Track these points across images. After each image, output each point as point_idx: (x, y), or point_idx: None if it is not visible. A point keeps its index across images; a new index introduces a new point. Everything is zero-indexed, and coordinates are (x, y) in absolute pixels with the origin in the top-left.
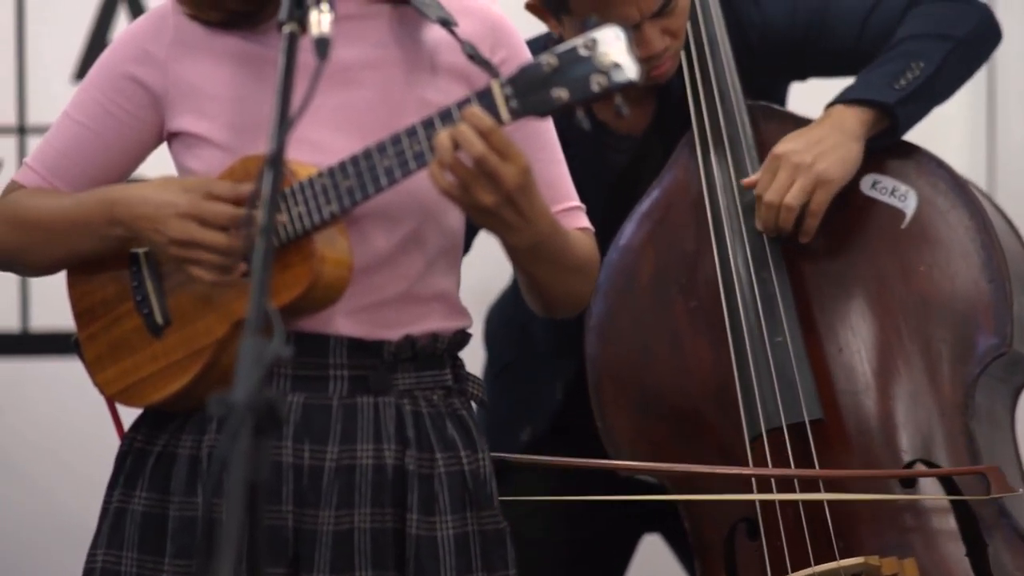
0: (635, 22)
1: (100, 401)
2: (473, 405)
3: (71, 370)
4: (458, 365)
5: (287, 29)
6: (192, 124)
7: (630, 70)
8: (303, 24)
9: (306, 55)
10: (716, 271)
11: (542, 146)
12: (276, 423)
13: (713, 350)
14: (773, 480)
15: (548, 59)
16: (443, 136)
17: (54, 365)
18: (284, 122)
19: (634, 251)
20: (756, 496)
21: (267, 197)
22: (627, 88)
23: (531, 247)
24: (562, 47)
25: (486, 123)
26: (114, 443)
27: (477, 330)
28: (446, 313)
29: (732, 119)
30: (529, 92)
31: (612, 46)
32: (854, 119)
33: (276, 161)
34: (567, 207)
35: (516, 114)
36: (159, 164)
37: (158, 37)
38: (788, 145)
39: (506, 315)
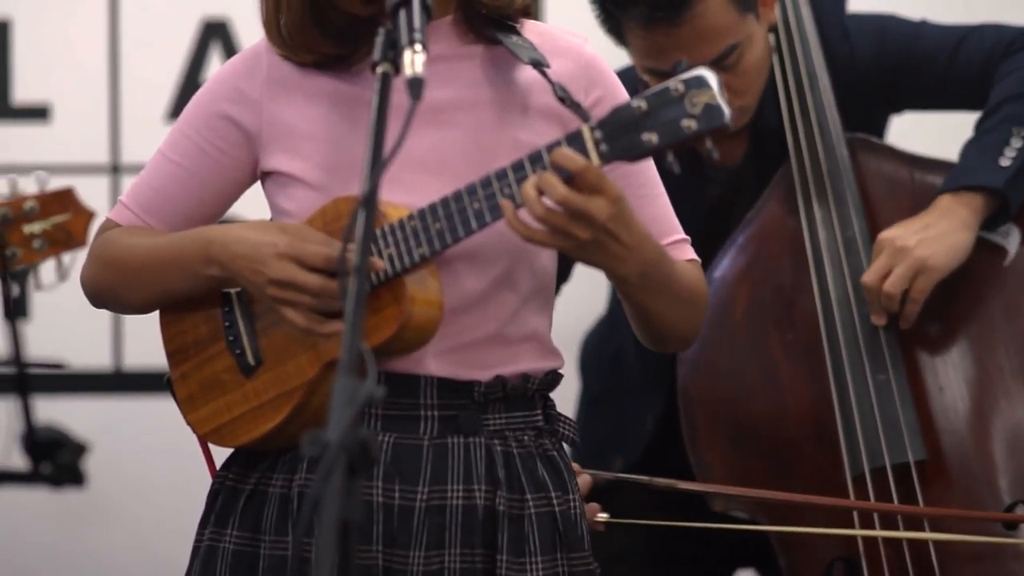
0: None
1: (192, 439)
2: (564, 446)
3: (163, 408)
4: (549, 405)
5: (381, 70)
6: (285, 164)
7: (721, 114)
8: (397, 65)
9: (399, 96)
10: (815, 306)
11: (642, 183)
12: (369, 462)
13: (811, 385)
14: (876, 517)
15: (639, 102)
16: (528, 188)
17: (146, 404)
18: (377, 163)
19: (729, 283)
20: (858, 532)
21: (361, 238)
22: (718, 132)
23: (639, 275)
24: (653, 90)
25: (578, 162)
26: (206, 481)
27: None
28: (538, 353)
29: (832, 152)
30: (619, 135)
31: (703, 89)
32: (964, 208)
33: (369, 202)
34: (673, 240)
35: (606, 158)
36: (253, 204)
37: (252, 76)
38: (893, 231)
39: (600, 344)
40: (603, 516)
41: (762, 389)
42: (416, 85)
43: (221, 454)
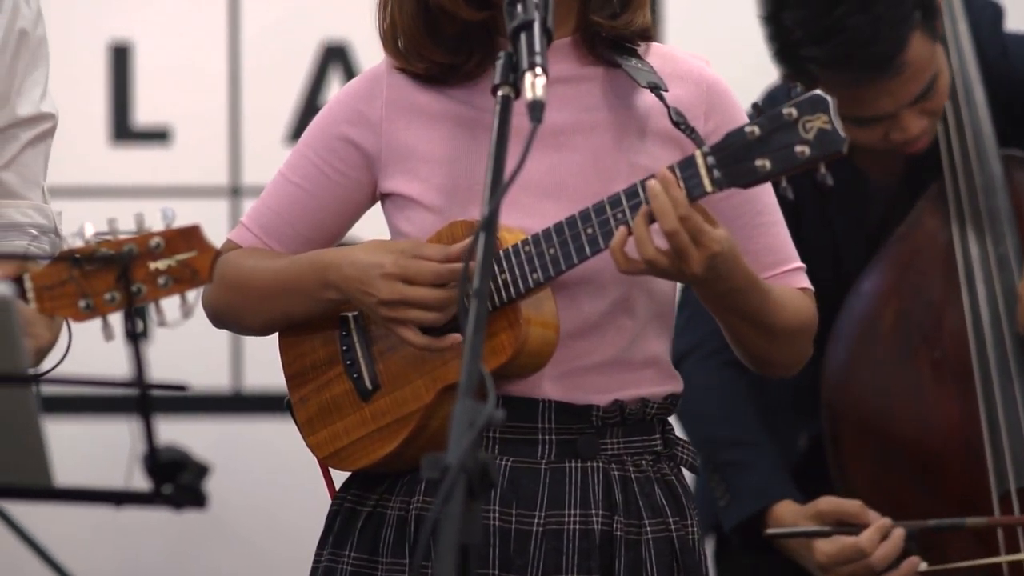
0: (891, 113)
1: (310, 461)
2: (683, 471)
3: (282, 430)
4: (668, 430)
5: (502, 92)
6: (404, 186)
7: (835, 140)
8: (517, 88)
9: (519, 118)
10: (965, 322)
11: (760, 210)
12: (489, 486)
13: (958, 402)
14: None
15: (752, 127)
16: (638, 222)
17: (265, 425)
18: (498, 186)
19: (877, 298)
20: (1005, 558)
21: (481, 261)
22: (832, 159)
23: (719, 296)
24: (766, 115)
25: (680, 203)
26: (325, 502)
27: None
28: (657, 378)
29: (986, 168)
30: (732, 161)
31: (817, 114)
32: None
33: (490, 225)
34: (789, 269)
35: (720, 184)
36: (373, 224)
37: (372, 98)
38: None
39: None
40: (923, 567)
41: (908, 405)
42: (537, 108)
43: (340, 475)
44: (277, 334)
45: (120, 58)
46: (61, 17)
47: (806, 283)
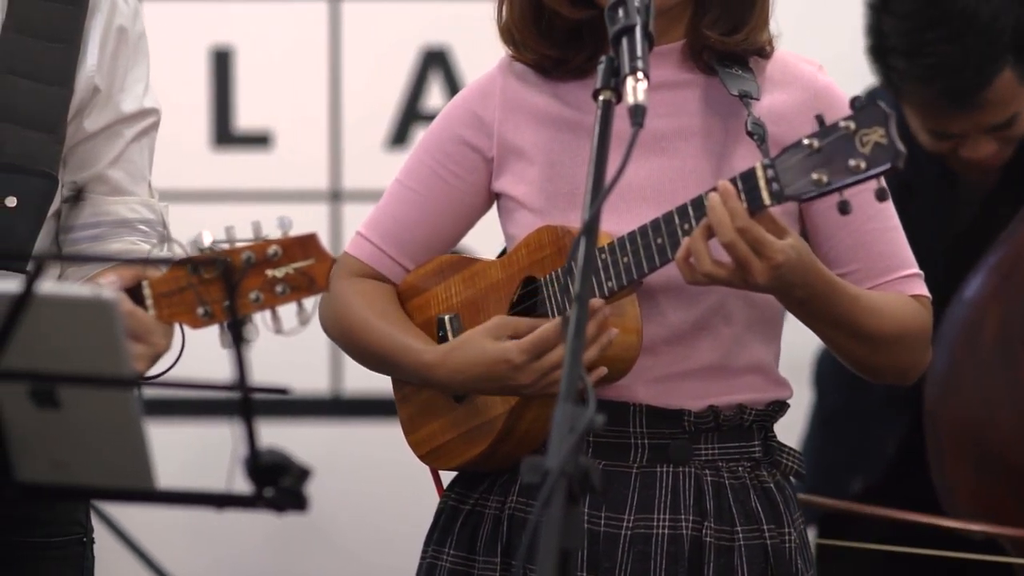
0: (967, 134)
1: (408, 465)
2: (789, 478)
3: (381, 433)
4: (769, 436)
5: (603, 97)
6: (512, 187)
7: (891, 154)
8: (619, 92)
9: (620, 122)
10: None
11: (871, 215)
12: (590, 490)
13: None
14: None
15: (810, 140)
16: (696, 235)
17: (365, 429)
18: (598, 190)
19: (979, 305)
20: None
21: (581, 265)
22: (887, 174)
23: (798, 304)
24: (825, 127)
25: (738, 215)
26: (424, 504)
27: None
28: (760, 384)
29: None
30: (790, 174)
31: (873, 127)
32: None
33: (590, 229)
34: (903, 275)
35: (778, 197)
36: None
37: (487, 99)
38: None
39: (838, 363)
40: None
41: (1010, 413)
42: (638, 113)
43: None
44: None
45: (222, 63)
46: (164, 22)
47: (920, 289)
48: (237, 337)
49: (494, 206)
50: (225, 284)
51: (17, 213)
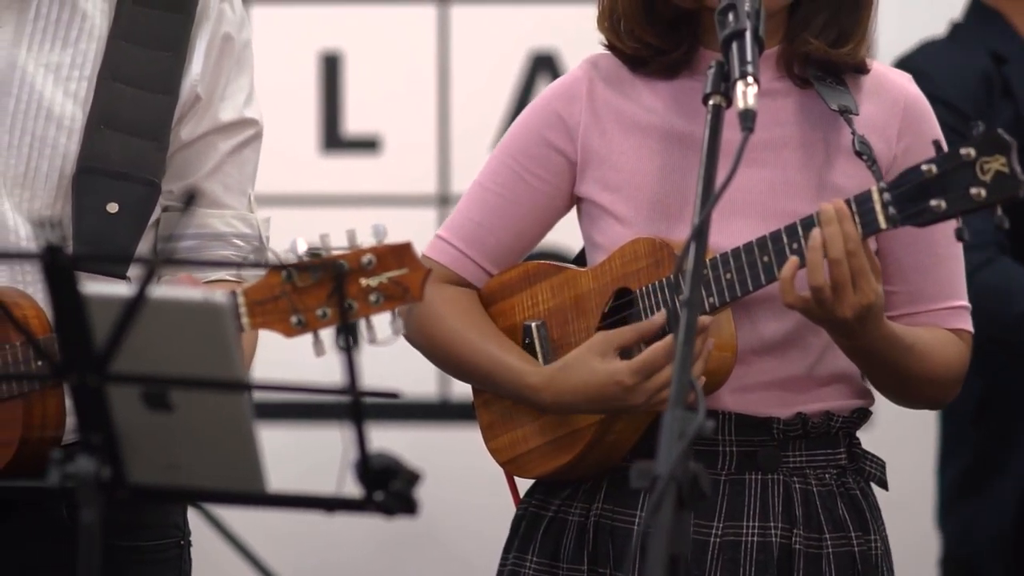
0: None
1: None
2: (872, 485)
3: None
4: (854, 443)
5: (713, 102)
6: (597, 193)
7: (1013, 183)
8: (728, 97)
9: (701, 128)
10: None
11: (932, 242)
12: (699, 496)
13: None
14: None
15: (929, 166)
16: (814, 247)
17: (473, 434)
18: (708, 196)
19: None
20: None
21: (691, 271)
22: (1008, 202)
23: (855, 349)
24: (943, 154)
25: (851, 238)
26: None
27: None
28: (846, 393)
29: None
30: (908, 200)
31: (995, 156)
32: None
33: (700, 235)
34: (951, 306)
35: (894, 221)
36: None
37: (572, 102)
38: None
39: None
40: None
41: None
42: (748, 118)
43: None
44: None
45: (331, 68)
46: (274, 27)
47: (965, 324)
48: (349, 340)
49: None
50: (335, 286)
51: (119, 219)
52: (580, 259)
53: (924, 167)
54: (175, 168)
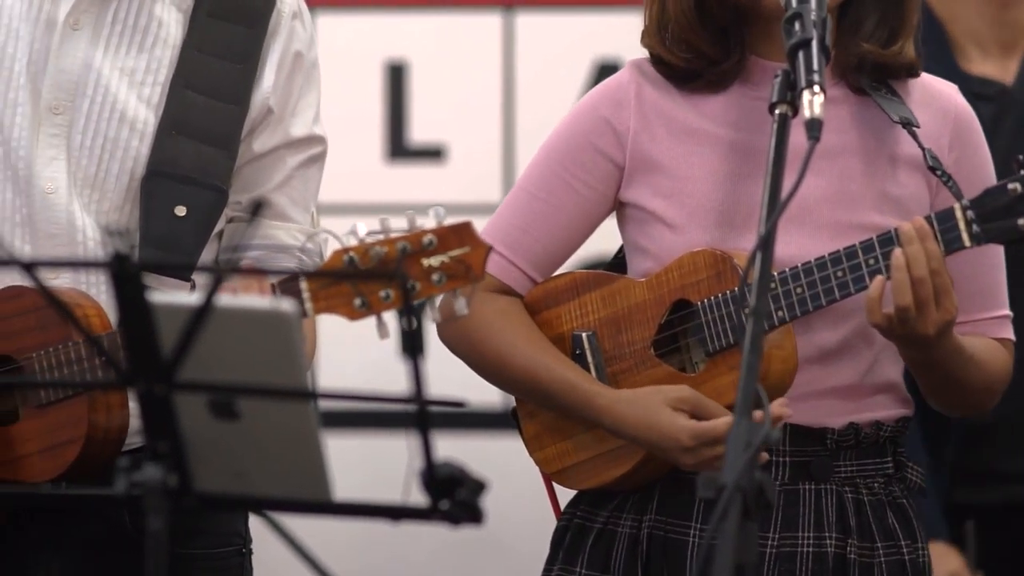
0: None
1: None
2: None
3: None
4: (899, 452)
5: (779, 111)
6: (645, 199)
7: None
8: (795, 106)
9: (761, 137)
10: None
11: (978, 253)
12: (765, 506)
13: None
14: None
15: (1014, 184)
16: (898, 265)
17: None
18: (774, 205)
19: None
20: None
21: (757, 280)
22: None
23: (923, 362)
24: None
25: (934, 256)
26: None
27: None
28: (892, 402)
29: None
30: (993, 218)
31: None
32: None
33: (766, 243)
34: (997, 315)
35: (978, 239)
36: None
37: (620, 107)
38: None
39: None
40: None
41: None
42: (814, 127)
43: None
44: None
45: (396, 77)
46: (339, 37)
47: (1008, 333)
48: (414, 351)
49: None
50: (401, 293)
51: (186, 222)
52: (615, 264)
53: (1010, 186)
54: (244, 179)
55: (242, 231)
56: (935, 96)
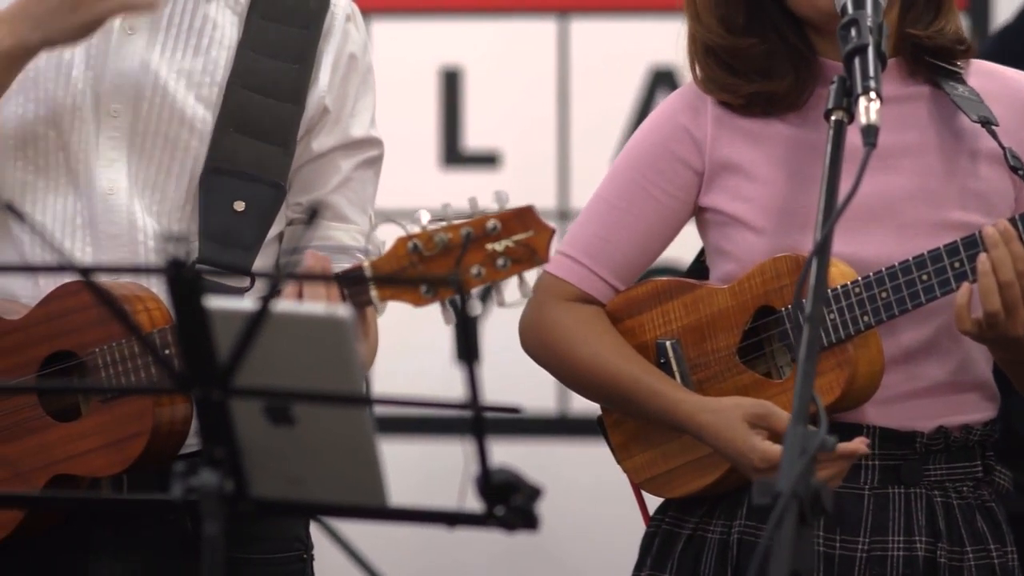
0: None
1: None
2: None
3: (609, 454)
4: (988, 456)
5: (835, 117)
6: (727, 203)
7: None
8: (851, 112)
9: (847, 138)
10: None
11: None
12: (821, 512)
13: None
14: None
15: None
16: (985, 271)
17: (592, 449)
18: (831, 211)
19: None
20: None
21: (813, 287)
22: None
23: (1012, 361)
24: None
25: (1020, 258)
26: (642, 525)
27: None
28: (982, 402)
29: None
30: None
31: None
32: None
33: (822, 250)
34: None
35: None
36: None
37: (697, 114)
38: None
39: None
40: None
41: None
42: (871, 133)
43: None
44: None
45: (451, 83)
46: (393, 43)
47: None
48: (470, 357)
49: None
50: (458, 298)
51: (245, 217)
52: (695, 270)
53: None
54: (302, 180)
55: (299, 235)
56: (1009, 88)
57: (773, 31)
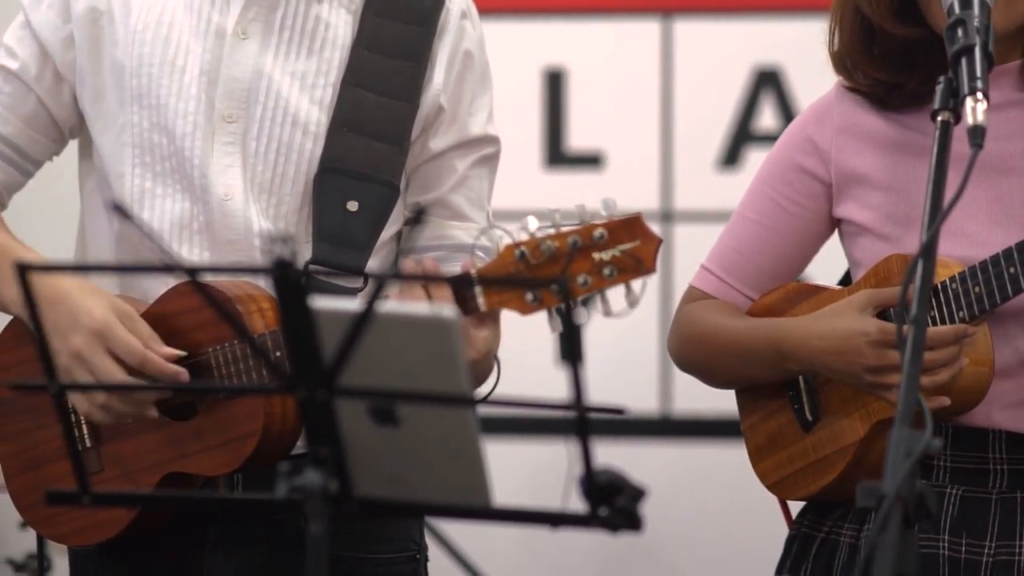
0: None
1: (738, 486)
2: None
3: (710, 455)
4: None
5: (941, 118)
6: (855, 213)
7: None
8: (957, 113)
9: (959, 144)
10: None
11: None
12: (926, 515)
13: None
14: None
15: None
16: None
17: (694, 450)
18: (936, 213)
19: None
20: None
21: (918, 288)
22: None
23: None
24: None
25: None
26: (749, 528)
27: None
28: None
29: None
30: None
31: None
32: None
33: (928, 252)
34: None
35: None
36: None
37: (823, 125)
38: None
39: None
40: None
41: None
42: (977, 134)
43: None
44: None
45: (554, 83)
46: (497, 43)
47: None
48: (574, 357)
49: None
50: (563, 302)
51: (358, 217)
52: (847, 280)
53: None
54: (421, 179)
55: (409, 235)
56: None
57: (927, 27)
